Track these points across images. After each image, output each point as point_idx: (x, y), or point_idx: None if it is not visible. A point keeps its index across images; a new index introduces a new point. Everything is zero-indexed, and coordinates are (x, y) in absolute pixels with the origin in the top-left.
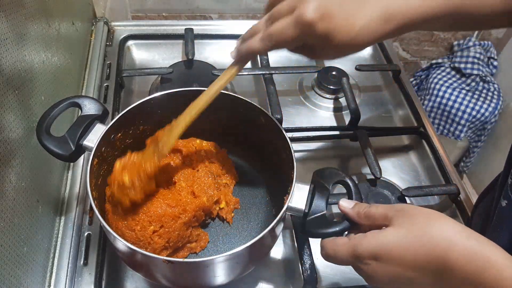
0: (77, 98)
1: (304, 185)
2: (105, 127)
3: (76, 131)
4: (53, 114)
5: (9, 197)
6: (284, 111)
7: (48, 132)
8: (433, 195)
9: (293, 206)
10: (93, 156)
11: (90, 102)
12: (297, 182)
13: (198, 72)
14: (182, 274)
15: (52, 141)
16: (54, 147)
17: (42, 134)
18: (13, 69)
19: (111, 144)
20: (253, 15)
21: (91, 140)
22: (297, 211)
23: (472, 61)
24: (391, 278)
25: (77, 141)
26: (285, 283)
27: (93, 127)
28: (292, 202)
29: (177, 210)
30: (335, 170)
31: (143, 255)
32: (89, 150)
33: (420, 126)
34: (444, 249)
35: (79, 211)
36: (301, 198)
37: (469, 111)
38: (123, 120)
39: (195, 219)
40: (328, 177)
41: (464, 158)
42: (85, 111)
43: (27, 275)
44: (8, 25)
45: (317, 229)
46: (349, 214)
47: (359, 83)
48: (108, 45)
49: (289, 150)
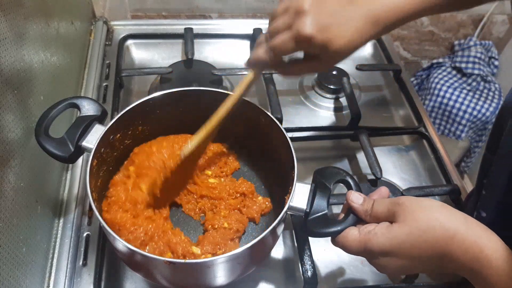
0: (76, 99)
1: (305, 184)
2: (104, 128)
3: (75, 132)
4: (52, 115)
5: (8, 198)
6: (284, 111)
7: (47, 133)
8: (434, 195)
9: (294, 206)
10: (92, 157)
11: (88, 103)
12: (297, 182)
13: (198, 71)
14: (183, 275)
15: (51, 142)
16: (53, 148)
17: (41, 136)
18: (12, 69)
19: (111, 145)
20: (253, 15)
21: (90, 141)
22: (299, 210)
23: (473, 60)
24: (401, 268)
25: (76, 142)
26: (285, 284)
27: (92, 128)
28: (293, 202)
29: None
30: (336, 169)
31: (143, 256)
32: (88, 151)
33: (421, 126)
34: (444, 242)
35: (78, 212)
36: (302, 197)
37: (470, 111)
38: (122, 120)
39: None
40: (329, 176)
41: (465, 158)
42: (83, 112)
43: (26, 276)
44: (7, 25)
45: (319, 229)
46: (357, 210)
47: (359, 83)
48: (108, 44)
49: (290, 150)
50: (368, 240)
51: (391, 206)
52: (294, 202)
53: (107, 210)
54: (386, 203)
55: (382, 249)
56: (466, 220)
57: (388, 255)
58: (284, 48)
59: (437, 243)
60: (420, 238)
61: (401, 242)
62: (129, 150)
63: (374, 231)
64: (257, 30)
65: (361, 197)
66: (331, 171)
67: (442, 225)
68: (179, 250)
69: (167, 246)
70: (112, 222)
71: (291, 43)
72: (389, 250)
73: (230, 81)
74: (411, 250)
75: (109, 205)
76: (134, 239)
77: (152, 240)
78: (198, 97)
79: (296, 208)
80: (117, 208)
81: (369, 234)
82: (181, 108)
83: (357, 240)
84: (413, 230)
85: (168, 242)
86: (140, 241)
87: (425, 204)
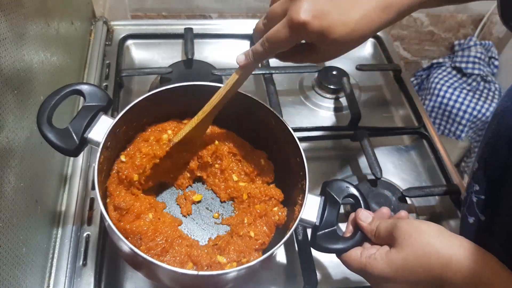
0: (80, 85)
1: (315, 196)
2: (113, 121)
3: (81, 123)
4: (55, 103)
5: (8, 198)
6: (284, 111)
7: (50, 123)
8: (434, 195)
9: (305, 218)
10: (101, 152)
11: (94, 90)
12: (309, 193)
13: (198, 71)
14: (189, 280)
15: (55, 133)
16: (57, 140)
17: (44, 125)
18: (12, 69)
19: (116, 137)
20: (253, 15)
21: (96, 133)
22: (308, 223)
23: (473, 60)
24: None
25: (82, 134)
26: (285, 283)
27: (98, 119)
28: (304, 214)
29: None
30: (345, 184)
31: (151, 263)
32: (93, 144)
33: (421, 126)
34: (440, 269)
35: (78, 212)
36: (313, 210)
37: (470, 111)
38: (130, 113)
39: None
40: (339, 190)
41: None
42: (88, 101)
43: (26, 276)
44: (7, 25)
45: (328, 244)
46: (365, 229)
47: (359, 83)
48: (108, 44)
49: (301, 157)
50: (368, 264)
51: (391, 228)
52: (305, 215)
53: (120, 219)
54: (387, 226)
55: (380, 274)
56: (462, 246)
57: (387, 280)
58: (278, 37)
59: (433, 269)
60: (416, 264)
61: (399, 268)
62: (130, 141)
63: (374, 256)
64: None
65: (370, 216)
66: (340, 185)
67: (437, 252)
68: (203, 261)
69: (187, 256)
70: (132, 231)
71: (284, 31)
72: (388, 276)
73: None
74: (409, 277)
75: (122, 215)
76: (155, 246)
77: (171, 247)
78: (200, 91)
79: (307, 221)
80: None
81: (369, 259)
82: (183, 102)
83: (358, 261)
84: (409, 256)
85: (189, 254)
86: (161, 248)
87: (422, 229)
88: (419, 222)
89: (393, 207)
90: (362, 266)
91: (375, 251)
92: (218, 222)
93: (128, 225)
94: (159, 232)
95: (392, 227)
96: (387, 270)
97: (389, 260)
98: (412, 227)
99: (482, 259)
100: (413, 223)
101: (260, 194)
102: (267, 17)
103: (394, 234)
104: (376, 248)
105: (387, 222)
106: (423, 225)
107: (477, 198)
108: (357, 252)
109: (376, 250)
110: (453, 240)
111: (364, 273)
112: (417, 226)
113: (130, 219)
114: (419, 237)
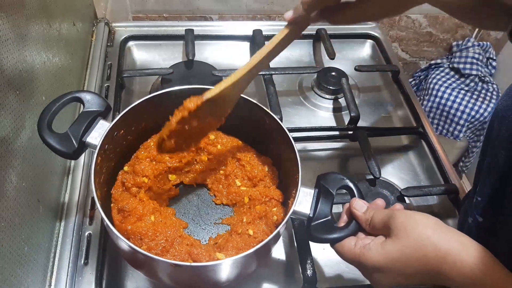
0: (79, 93)
1: (309, 189)
2: (110, 124)
3: (79, 127)
4: (55, 110)
5: (10, 197)
6: (284, 112)
7: (50, 128)
8: (432, 195)
9: (298, 210)
10: (97, 154)
11: (92, 97)
12: (302, 186)
13: (198, 72)
14: (187, 276)
15: (54, 137)
16: (57, 144)
17: (44, 130)
18: (14, 70)
19: (114, 141)
20: (253, 16)
21: (94, 137)
22: (302, 215)
23: (471, 61)
24: (394, 284)
25: (80, 138)
26: (285, 282)
27: (96, 123)
28: (297, 206)
29: None
30: (339, 176)
31: (147, 257)
32: (91, 147)
33: (419, 126)
34: (436, 262)
35: (79, 211)
36: (306, 202)
37: (468, 111)
38: (127, 117)
39: None
40: (333, 182)
41: (463, 158)
42: (87, 107)
43: (28, 275)
44: (9, 26)
45: (321, 235)
46: (359, 219)
47: (358, 84)
48: (109, 45)
49: (294, 153)
50: (362, 254)
51: (386, 218)
52: (298, 207)
53: (123, 221)
54: (382, 215)
55: (375, 265)
56: (459, 240)
57: (381, 271)
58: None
59: (429, 262)
60: (412, 256)
61: (394, 259)
62: (130, 146)
63: (369, 246)
64: (257, 32)
65: (365, 205)
66: (334, 177)
67: (433, 244)
68: (202, 258)
69: (187, 254)
70: (134, 232)
71: None
72: (382, 266)
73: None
74: (405, 269)
75: (124, 217)
76: (155, 246)
77: (172, 246)
78: (199, 94)
79: (300, 213)
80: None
81: (364, 249)
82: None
83: (352, 251)
84: (405, 247)
85: (189, 252)
86: (161, 247)
87: (419, 220)
88: (416, 213)
89: (391, 206)
90: (356, 256)
91: (370, 241)
92: (218, 222)
93: (129, 225)
94: (160, 232)
95: (388, 218)
96: (382, 261)
97: (384, 251)
98: (408, 218)
99: (478, 254)
100: (409, 214)
101: (261, 195)
102: None
103: (389, 225)
104: (371, 239)
105: (383, 212)
106: (419, 217)
107: (477, 199)
108: (351, 242)
109: (370, 240)
110: (450, 234)
111: (358, 263)
112: (414, 217)
113: (132, 220)
114: (415, 229)
